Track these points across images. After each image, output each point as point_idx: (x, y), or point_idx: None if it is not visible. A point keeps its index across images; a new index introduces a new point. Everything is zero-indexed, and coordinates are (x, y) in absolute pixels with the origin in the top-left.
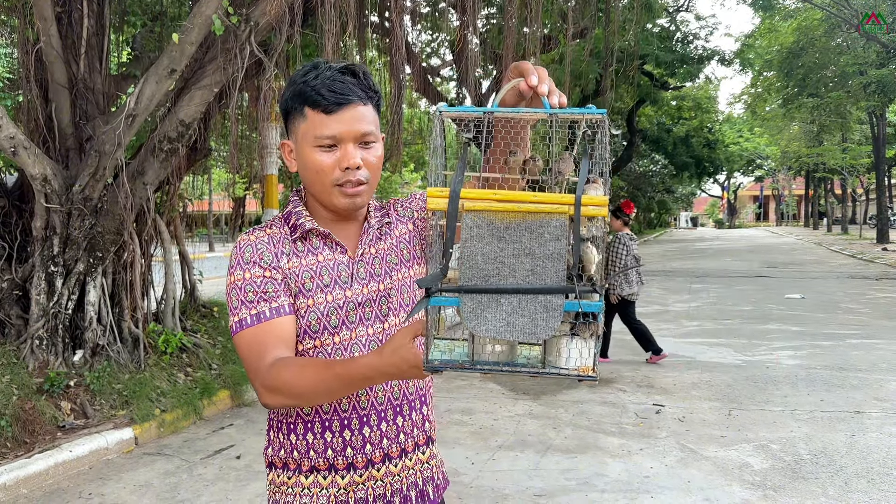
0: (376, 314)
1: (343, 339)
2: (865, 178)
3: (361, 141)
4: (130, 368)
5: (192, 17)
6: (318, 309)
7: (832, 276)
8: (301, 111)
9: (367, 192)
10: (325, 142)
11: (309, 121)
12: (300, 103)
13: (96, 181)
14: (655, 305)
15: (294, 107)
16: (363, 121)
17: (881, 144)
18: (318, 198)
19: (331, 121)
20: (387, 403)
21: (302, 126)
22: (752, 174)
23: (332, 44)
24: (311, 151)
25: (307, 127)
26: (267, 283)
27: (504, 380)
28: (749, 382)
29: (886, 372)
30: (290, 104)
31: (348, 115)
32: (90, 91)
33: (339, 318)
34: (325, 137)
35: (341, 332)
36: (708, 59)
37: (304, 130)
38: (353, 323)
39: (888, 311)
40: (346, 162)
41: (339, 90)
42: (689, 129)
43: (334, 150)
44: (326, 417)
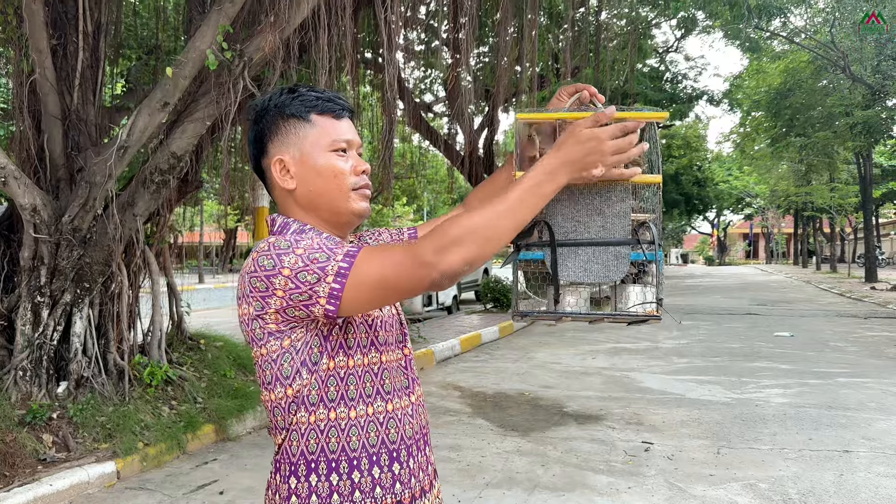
0: (396, 339)
1: (372, 362)
2: (853, 217)
3: (359, 151)
4: (114, 401)
5: (187, 51)
6: (365, 319)
7: (821, 314)
8: (307, 118)
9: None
10: (341, 145)
11: (319, 127)
12: (305, 110)
13: (86, 212)
14: (646, 342)
15: (297, 115)
16: (357, 133)
17: (868, 184)
18: (332, 206)
19: (341, 126)
20: (420, 433)
21: (311, 133)
22: (741, 212)
23: (325, 79)
24: (327, 157)
25: (319, 133)
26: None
27: (493, 416)
28: (738, 420)
29: (875, 411)
30: (290, 112)
31: (349, 125)
32: (83, 122)
33: (383, 336)
34: (342, 140)
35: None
36: (697, 99)
37: (315, 137)
38: (381, 344)
39: (876, 349)
40: (362, 166)
41: (342, 98)
42: (678, 166)
43: (345, 155)
44: (374, 451)
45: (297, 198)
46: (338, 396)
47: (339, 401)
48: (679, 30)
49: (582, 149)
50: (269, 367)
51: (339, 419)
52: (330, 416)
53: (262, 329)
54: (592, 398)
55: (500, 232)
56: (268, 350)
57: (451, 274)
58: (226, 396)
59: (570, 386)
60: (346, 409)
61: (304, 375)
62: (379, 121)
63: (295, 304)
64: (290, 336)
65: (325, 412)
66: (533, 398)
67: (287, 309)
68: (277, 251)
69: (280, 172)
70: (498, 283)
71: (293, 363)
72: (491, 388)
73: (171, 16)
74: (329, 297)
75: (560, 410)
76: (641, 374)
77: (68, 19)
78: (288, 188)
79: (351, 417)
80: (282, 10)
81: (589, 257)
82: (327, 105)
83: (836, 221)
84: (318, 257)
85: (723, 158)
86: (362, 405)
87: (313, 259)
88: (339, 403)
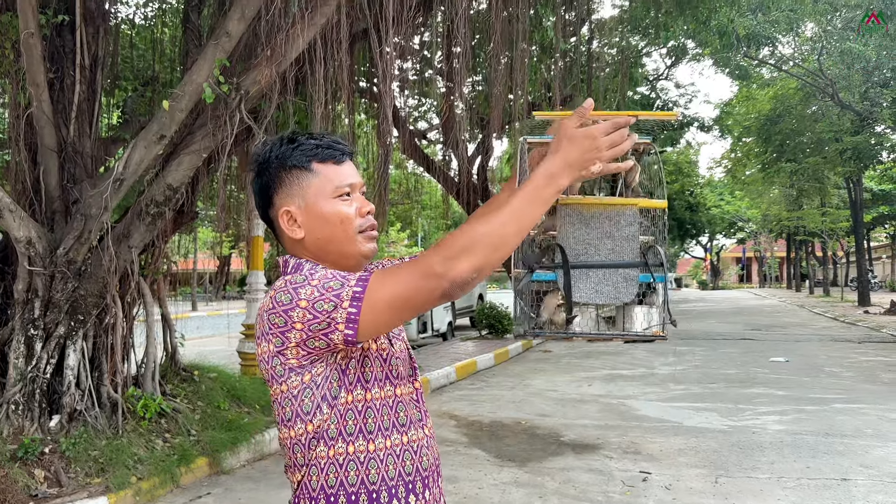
0: (409, 374)
1: (387, 395)
2: (845, 241)
3: (362, 191)
4: (108, 434)
5: (184, 84)
6: (381, 354)
7: (815, 338)
8: (308, 168)
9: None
10: (345, 190)
11: (322, 175)
12: (307, 161)
13: (81, 244)
14: (641, 368)
15: (299, 165)
16: (358, 173)
17: (858, 209)
18: (341, 251)
19: (343, 171)
20: (434, 465)
21: (314, 182)
22: (734, 236)
23: (321, 111)
24: (332, 203)
25: (322, 181)
26: None
27: (490, 446)
28: (736, 448)
29: (871, 438)
30: (292, 163)
31: (351, 168)
32: (79, 155)
33: (396, 370)
34: (345, 186)
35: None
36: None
37: (318, 186)
38: (396, 379)
39: (871, 374)
40: (366, 207)
41: (340, 142)
42: (671, 192)
43: (349, 199)
44: (392, 484)
45: (306, 246)
46: (356, 430)
47: (357, 434)
48: (669, 58)
49: (579, 148)
50: (289, 404)
51: (357, 452)
52: (349, 449)
53: (283, 365)
54: (589, 426)
55: (505, 238)
56: (288, 386)
57: (461, 283)
58: (220, 429)
59: (567, 414)
60: (364, 443)
61: (324, 410)
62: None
63: (314, 335)
64: (310, 371)
65: (343, 446)
66: (530, 427)
67: (308, 341)
68: (294, 285)
69: (288, 223)
70: (493, 310)
71: (314, 398)
72: (487, 416)
73: (168, 48)
74: (347, 321)
75: (557, 439)
76: (638, 401)
77: (65, 53)
78: (297, 238)
79: (370, 450)
80: (278, 45)
81: (600, 279)
82: (327, 152)
83: (828, 245)
84: (332, 286)
85: (714, 183)
86: (381, 438)
87: (328, 287)
88: (357, 437)
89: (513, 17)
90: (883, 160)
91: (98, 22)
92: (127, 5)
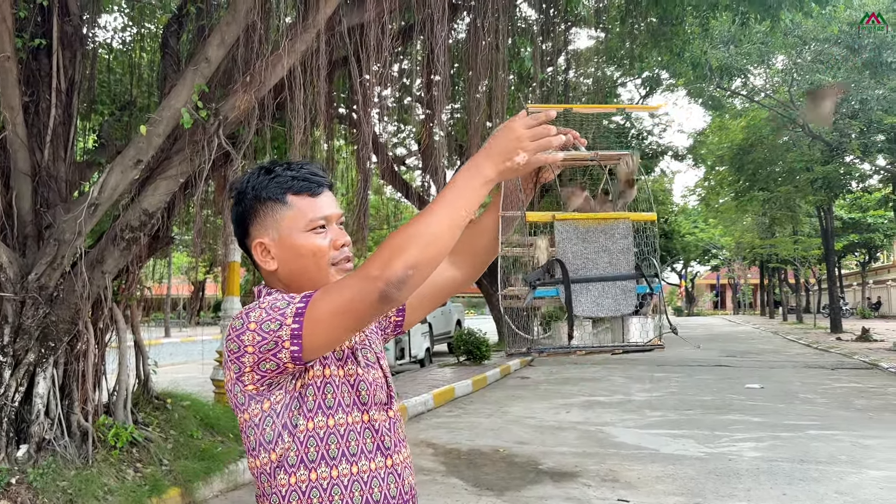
0: (383, 401)
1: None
2: (817, 268)
3: (339, 222)
4: (77, 464)
5: (161, 109)
6: (348, 380)
7: (789, 365)
8: (283, 200)
9: None
10: (319, 223)
11: (296, 208)
12: (281, 193)
13: (53, 269)
14: (619, 395)
15: (273, 198)
16: (337, 204)
17: (830, 237)
18: (314, 283)
19: (319, 203)
20: (406, 494)
21: (288, 214)
22: (708, 263)
23: (300, 137)
24: (305, 236)
25: (295, 214)
26: None
27: (468, 475)
28: (713, 476)
29: (846, 464)
30: (267, 195)
31: (328, 198)
32: (53, 179)
33: (366, 396)
34: (319, 219)
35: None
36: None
37: (292, 218)
38: (364, 405)
39: (845, 401)
40: (341, 240)
41: (317, 173)
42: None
43: (324, 231)
44: None
45: (280, 277)
46: (318, 456)
47: (319, 460)
48: (644, 88)
49: (500, 139)
50: (252, 433)
51: (320, 479)
52: (311, 476)
53: (243, 393)
54: (567, 454)
55: (437, 233)
56: (250, 415)
57: (397, 281)
58: (192, 458)
59: (545, 441)
60: (327, 469)
61: (285, 439)
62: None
63: (265, 356)
64: (269, 399)
65: (305, 473)
66: (508, 455)
67: (260, 363)
68: (246, 311)
69: (262, 255)
70: (471, 336)
71: (275, 427)
72: (465, 444)
73: (146, 73)
74: (291, 338)
75: (535, 467)
76: (616, 428)
77: (42, 76)
78: (270, 269)
79: (333, 477)
80: (258, 71)
81: (600, 292)
82: (302, 184)
83: (800, 273)
84: (279, 305)
85: (688, 211)
86: (345, 464)
87: (275, 308)
88: (319, 463)
89: (491, 46)
90: (852, 189)
91: (75, 46)
92: (105, 30)
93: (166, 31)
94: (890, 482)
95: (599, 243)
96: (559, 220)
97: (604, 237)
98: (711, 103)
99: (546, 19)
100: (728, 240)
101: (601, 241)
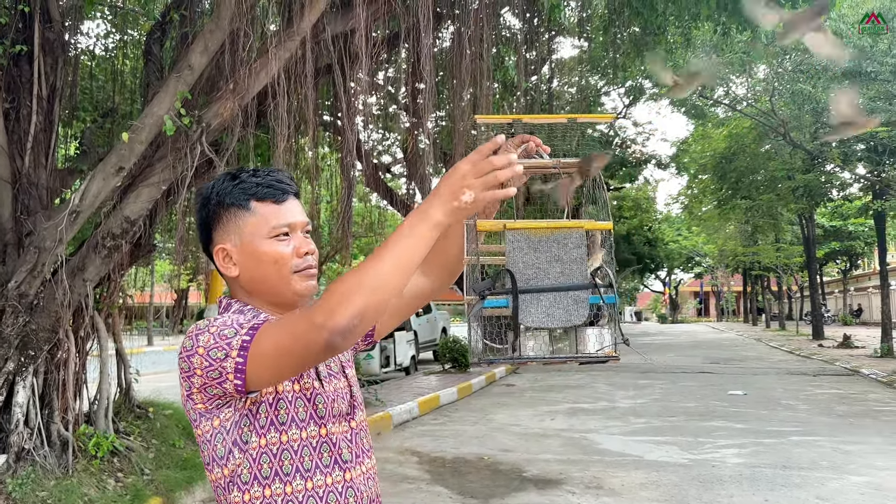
0: (344, 412)
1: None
2: (799, 276)
3: (304, 230)
4: (57, 474)
5: (144, 116)
6: (304, 394)
7: (772, 371)
8: (246, 206)
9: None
10: (282, 230)
11: (259, 214)
12: (245, 199)
13: (34, 277)
14: (603, 402)
15: (236, 204)
16: (303, 212)
17: (811, 245)
18: (275, 290)
19: (283, 210)
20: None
21: (251, 221)
22: (691, 271)
23: (284, 144)
24: (268, 243)
25: (258, 220)
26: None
27: (453, 483)
28: (696, 482)
29: (827, 470)
30: (230, 201)
31: (293, 206)
32: (34, 186)
33: (324, 409)
34: (282, 226)
35: (310, 427)
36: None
37: (254, 224)
38: (322, 419)
39: (827, 407)
40: (305, 247)
41: (283, 181)
42: (630, 227)
43: (287, 239)
44: None
45: (241, 283)
46: (272, 473)
47: (273, 477)
48: (627, 97)
49: (447, 179)
50: (206, 448)
51: (274, 496)
52: (265, 493)
53: (194, 410)
54: (552, 461)
55: (385, 279)
56: (202, 431)
57: (342, 332)
58: (174, 467)
59: (530, 449)
60: (281, 485)
61: (236, 455)
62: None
63: (211, 383)
64: (218, 416)
65: (259, 490)
66: (492, 462)
67: (206, 387)
68: (197, 331)
69: (223, 261)
70: (456, 343)
71: (225, 443)
72: (450, 452)
73: (129, 80)
74: (235, 371)
75: (520, 475)
76: (600, 435)
77: (22, 83)
78: (231, 275)
79: (287, 493)
80: (241, 78)
81: (551, 303)
82: (266, 191)
83: (782, 280)
84: (226, 333)
85: (672, 219)
86: (299, 479)
87: (223, 335)
88: (273, 480)
89: (476, 55)
90: (833, 197)
91: (57, 53)
92: (88, 36)
93: (149, 37)
94: (870, 487)
95: (552, 253)
96: (510, 229)
97: (556, 246)
98: (694, 112)
99: (530, 28)
100: (711, 247)
101: (553, 250)
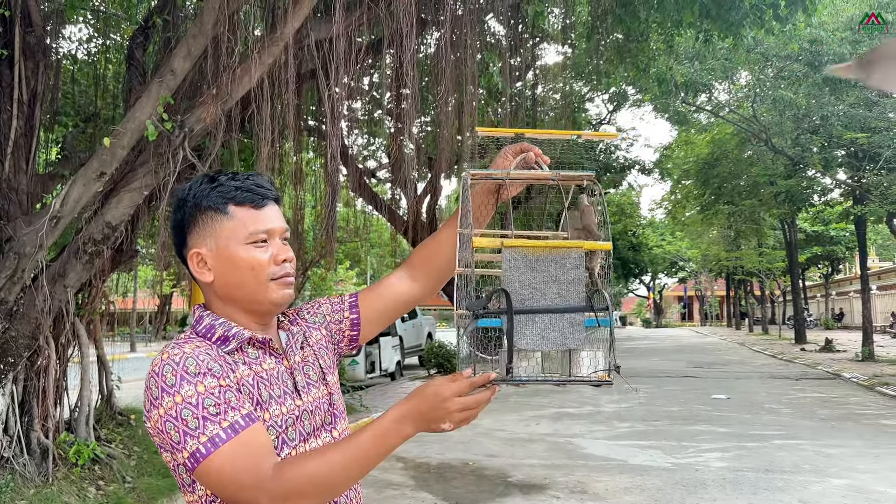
0: (324, 423)
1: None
2: (782, 280)
3: (283, 237)
4: (37, 482)
5: (126, 121)
6: (275, 422)
7: (755, 376)
8: (224, 210)
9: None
10: (260, 236)
11: (237, 219)
12: (223, 203)
13: (13, 283)
14: (588, 406)
15: (214, 207)
16: (282, 218)
17: (793, 249)
18: (251, 297)
19: (262, 216)
20: None
21: (228, 225)
22: (675, 275)
23: (268, 149)
24: (245, 249)
25: (235, 225)
26: (226, 391)
27: (437, 489)
28: (679, 486)
29: (809, 473)
30: (207, 204)
31: (272, 212)
32: (14, 191)
33: (296, 430)
34: (261, 232)
35: (298, 446)
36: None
37: (231, 229)
38: (307, 434)
39: (809, 411)
40: (283, 255)
41: (263, 185)
42: (614, 232)
43: (265, 245)
44: None
45: (216, 289)
46: None
47: None
48: (611, 103)
49: (427, 405)
50: (174, 474)
51: None
52: None
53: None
54: (537, 466)
55: (343, 482)
56: (165, 460)
57: None
58: (156, 475)
59: (515, 454)
60: None
61: (198, 485)
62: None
63: (164, 445)
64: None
65: None
66: (477, 468)
67: (159, 435)
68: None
69: (198, 265)
70: (441, 349)
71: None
72: (435, 458)
73: (111, 84)
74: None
75: (505, 480)
76: (584, 439)
77: (3, 87)
78: (206, 281)
79: None
80: (224, 83)
81: (546, 325)
82: (245, 195)
83: (765, 285)
84: (187, 419)
85: (656, 224)
86: None
87: (182, 418)
88: None
89: (460, 61)
90: (814, 203)
91: (38, 57)
92: (69, 41)
93: (132, 42)
94: (851, 490)
95: (549, 273)
96: (507, 248)
97: (554, 266)
98: (677, 118)
99: (514, 35)
100: (695, 252)
101: (551, 270)
